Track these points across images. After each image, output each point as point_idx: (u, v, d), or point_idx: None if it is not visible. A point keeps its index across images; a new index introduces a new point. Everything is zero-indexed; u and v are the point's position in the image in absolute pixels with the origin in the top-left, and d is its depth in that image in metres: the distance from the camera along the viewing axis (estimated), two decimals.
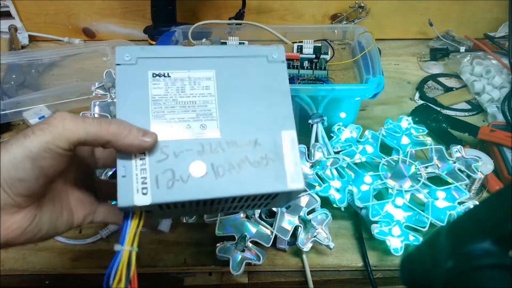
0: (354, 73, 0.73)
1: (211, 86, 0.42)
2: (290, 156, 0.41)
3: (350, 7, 1.01)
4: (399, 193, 0.60)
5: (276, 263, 0.59)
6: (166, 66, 0.42)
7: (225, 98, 0.42)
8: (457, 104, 0.86)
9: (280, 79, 0.44)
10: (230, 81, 0.43)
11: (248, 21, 0.87)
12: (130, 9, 1.02)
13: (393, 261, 0.59)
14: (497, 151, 0.69)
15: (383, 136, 0.67)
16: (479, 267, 0.28)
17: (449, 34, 1.03)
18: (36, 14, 1.02)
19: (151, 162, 0.38)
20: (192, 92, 0.42)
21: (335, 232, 0.62)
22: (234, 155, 0.40)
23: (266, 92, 0.43)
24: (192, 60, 0.43)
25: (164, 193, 0.37)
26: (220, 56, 0.43)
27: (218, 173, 0.39)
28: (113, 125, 0.37)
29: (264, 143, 0.41)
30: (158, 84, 0.41)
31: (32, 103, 0.79)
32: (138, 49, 0.42)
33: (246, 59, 0.44)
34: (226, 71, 0.43)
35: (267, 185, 0.40)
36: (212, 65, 0.43)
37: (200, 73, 0.42)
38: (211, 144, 0.40)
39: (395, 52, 1.03)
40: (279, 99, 0.43)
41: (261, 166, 0.40)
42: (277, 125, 0.42)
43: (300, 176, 0.40)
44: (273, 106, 0.42)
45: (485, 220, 0.31)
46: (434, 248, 0.32)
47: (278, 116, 0.42)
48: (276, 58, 0.44)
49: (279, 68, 0.44)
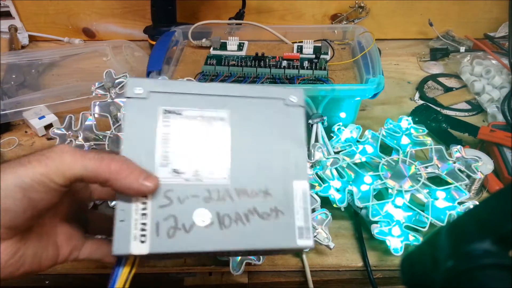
0: (354, 73, 0.73)
1: (224, 128, 0.39)
2: (301, 209, 0.39)
3: (350, 7, 1.01)
4: (399, 193, 0.60)
5: (276, 263, 0.59)
6: (179, 103, 0.39)
7: (238, 141, 0.39)
8: (457, 104, 0.86)
9: (296, 125, 0.41)
10: (244, 123, 0.40)
11: (248, 21, 0.87)
12: (130, 9, 1.02)
13: (393, 261, 0.58)
14: (497, 151, 0.69)
15: (383, 136, 0.67)
16: (479, 267, 0.28)
17: (449, 34, 1.03)
18: (36, 14, 1.02)
19: (153, 207, 0.35)
20: (204, 133, 0.39)
21: (335, 232, 0.62)
22: (242, 205, 0.37)
23: (280, 138, 0.40)
24: (206, 98, 0.40)
25: (163, 243, 0.35)
26: (235, 96, 0.41)
27: (224, 223, 0.36)
28: (115, 163, 0.34)
29: (274, 194, 0.38)
30: (168, 121, 0.38)
31: (32, 103, 0.79)
32: (151, 82, 0.39)
33: (262, 101, 0.41)
34: (240, 112, 0.40)
35: (275, 241, 0.37)
36: (226, 104, 0.40)
37: (213, 113, 0.39)
38: (219, 191, 0.37)
39: (395, 52, 1.03)
40: (294, 147, 0.40)
41: (270, 218, 0.38)
42: (289, 175, 0.39)
43: (310, 232, 0.38)
44: (286, 153, 0.40)
45: (485, 220, 0.31)
46: (434, 248, 0.32)
47: (291, 165, 0.40)
48: (295, 102, 0.42)
49: (296, 113, 0.42)
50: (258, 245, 0.37)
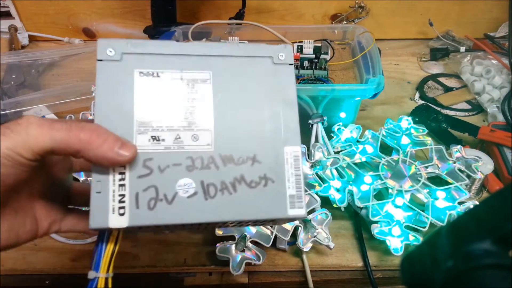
0: (354, 73, 0.73)
1: (206, 90, 0.37)
2: (293, 177, 0.36)
3: (350, 7, 1.01)
4: (399, 193, 0.60)
5: (276, 263, 0.59)
6: (156, 65, 0.36)
7: (222, 104, 0.37)
8: (457, 104, 0.86)
9: (286, 85, 0.38)
10: (229, 85, 0.37)
11: (248, 21, 0.87)
12: (130, 9, 1.02)
13: (393, 261, 0.58)
14: (497, 151, 0.69)
15: (383, 136, 0.67)
16: (479, 267, 0.28)
17: (449, 34, 1.03)
18: (36, 14, 1.02)
19: (132, 177, 0.33)
20: (185, 97, 0.36)
21: (335, 232, 0.62)
22: (228, 173, 0.35)
23: (269, 99, 0.37)
24: (186, 58, 0.37)
25: (144, 215, 0.33)
26: (219, 55, 0.38)
27: (209, 193, 0.34)
28: (85, 132, 0.32)
29: (263, 160, 0.36)
30: (145, 85, 0.35)
31: (32, 103, 0.79)
32: (124, 43, 0.36)
33: (248, 60, 0.38)
34: (224, 73, 0.37)
35: (264, 211, 0.35)
36: (209, 65, 0.37)
37: (194, 74, 0.37)
38: (203, 158, 0.35)
39: (395, 52, 1.03)
40: (284, 109, 0.37)
41: (259, 187, 0.35)
42: (280, 139, 0.37)
43: (302, 201, 0.36)
44: (276, 116, 0.37)
45: (485, 220, 0.31)
46: (434, 248, 0.32)
47: (282, 129, 0.37)
48: (283, 60, 0.39)
49: (285, 72, 0.38)
50: (246, 216, 0.35)
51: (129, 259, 0.58)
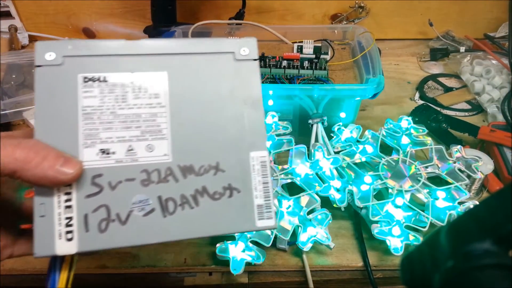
0: (354, 73, 0.73)
1: (161, 93, 0.33)
2: (260, 185, 0.33)
3: (350, 7, 1.01)
4: (399, 193, 0.60)
5: (276, 263, 0.59)
6: (102, 68, 0.33)
7: (180, 109, 0.33)
8: (457, 104, 0.86)
9: (250, 83, 0.35)
10: (187, 86, 0.34)
11: (248, 21, 0.87)
12: (130, 9, 1.02)
13: (393, 261, 0.58)
14: (497, 151, 0.69)
15: (383, 136, 0.67)
16: (479, 267, 0.28)
17: (449, 34, 1.03)
18: (36, 14, 1.02)
19: (79, 197, 0.30)
20: (136, 102, 0.32)
21: (335, 232, 0.62)
22: (189, 185, 0.32)
23: (232, 100, 0.34)
24: (137, 58, 0.34)
25: (95, 239, 0.30)
26: (174, 53, 0.34)
27: (168, 209, 0.31)
28: (20, 149, 0.28)
29: (227, 169, 0.33)
30: (91, 91, 0.32)
31: (32, 103, 0.79)
32: (65, 44, 0.32)
33: (208, 57, 0.35)
34: (181, 73, 0.34)
35: (231, 224, 0.32)
36: (164, 65, 0.34)
37: (147, 76, 0.33)
38: (160, 171, 0.32)
39: (395, 52, 1.03)
40: (249, 110, 0.34)
41: (223, 198, 0.32)
42: (245, 144, 0.34)
43: (272, 211, 0.33)
44: (240, 119, 0.34)
45: (485, 220, 0.30)
46: (434, 248, 0.32)
47: (247, 133, 0.34)
48: (247, 55, 0.35)
49: (249, 68, 0.35)
50: (211, 231, 0.32)
51: (129, 259, 0.58)
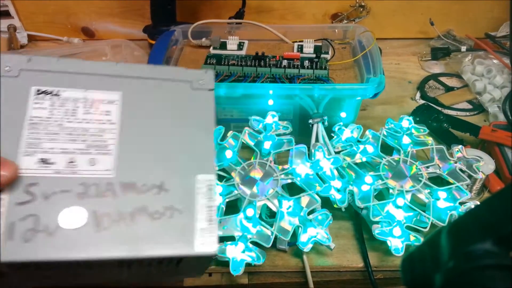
0: (355, 72, 0.73)
1: (113, 111, 0.34)
2: (205, 208, 0.33)
3: (351, 6, 1.00)
4: (400, 193, 0.60)
5: (277, 263, 0.58)
6: (58, 83, 0.34)
7: (131, 127, 0.34)
8: (458, 104, 0.86)
9: (204, 111, 0.36)
10: (141, 108, 0.35)
11: (248, 20, 0.87)
12: (129, 8, 1.02)
13: (394, 261, 0.58)
14: (498, 151, 0.69)
15: (383, 136, 0.66)
16: (479, 268, 0.28)
17: (450, 34, 1.02)
18: (35, 14, 1.02)
19: (10, 204, 0.29)
20: (86, 117, 0.33)
21: (336, 232, 0.61)
22: (128, 202, 0.32)
23: (184, 125, 0.35)
24: (95, 77, 0.35)
25: (17, 249, 0.28)
26: (132, 77, 0.35)
27: (101, 224, 0.30)
28: None
29: (172, 189, 0.33)
30: (41, 103, 0.33)
31: None
32: (24, 59, 0.34)
33: (166, 83, 0.36)
34: (137, 95, 0.35)
35: (167, 246, 0.31)
36: (121, 86, 0.35)
37: (100, 94, 0.34)
38: (99, 185, 0.31)
39: (396, 52, 1.03)
40: (200, 135, 0.35)
41: (163, 219, 0.32)
42: (192, 167, 0.34)
43: (214, 236, 0.32)
44: (190, 142, 0.35)
45: (486, 221, 0.30)
46: (435, 249, 0.32)
47: (196, 156, 0.34)
48: (203, 85, 0.37)
49: (205, 98, 0.37)
50: (145, 251, 0.30)
51: None
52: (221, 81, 0.70)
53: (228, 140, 0.63)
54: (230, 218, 0.57)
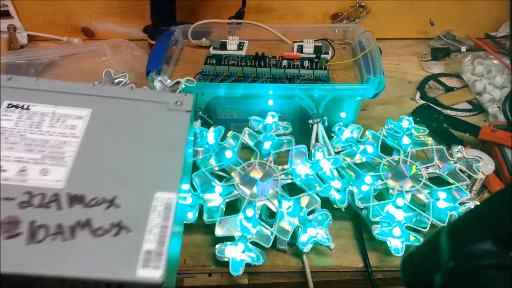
0: (355, 72, 0.73)
1: (78, 126, 0.34)
2: (158, 228, 0.30)
3: (351, 6, 1.00)
4: (399, 193, 0.60)
5: (276, 264, 0.58)
6: (30, 99, 0.35)
7: (93, 143, 0.33)
8: (458, 104, 0.86)
9: (177, 131, 0.36)
10: (108, 125, 0.35)
11: (248, 20, 0.87)
12: (129, 8, 1.02)
13: (394, 261, 0.58)
14: (498, 151, 0.69)
15: (383, 136, 0.66)
16: (479, 268, 0.28)
17: (450, 34, 1.02)
18: (35, 14, 1.02)
19: None
20: (50, 130, 0.33)
21: (336, 232, 0.61)
22: (71, 215, 0.30)
23: (151, 143, 0.35)
24: (69, 96, 0.35)
25: None
26: (107, 96, 0.36)
27: (35, 237, 0.28)
28: None
29: (124, 205, 0.31)
30: (9, 116, 0.33)
31: None
32: (5, 78, 0.36)
33: (140, 104, 0.37)
34: (107, 113, 0.35)
35: (104, 267, 0.28)
36: (92, 104, 0.35)
37: (70, 110, 0.35)
38: (45, 196, 0.30)
39: (396, 52, 1.03)
40: (166, 154, 0.35)
41: (106, 236, 0.29)
42: (151, 184, 0.32)
43: (162, 260, 0.29)
44: (154, 161, 0.34)
45: (486, 221, 0.30)
46: (435, 249, 0.32)
47: (158, 174, 0.33)
48: (181, 107, 0.38)
49: (179, 118, 0.37)
50: (78, 271, 0.27)
51: None
52: (221, 81, 0.70)
53: (228, 140, 0.63)
54: (230, 218, 0.57)
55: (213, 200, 0.59)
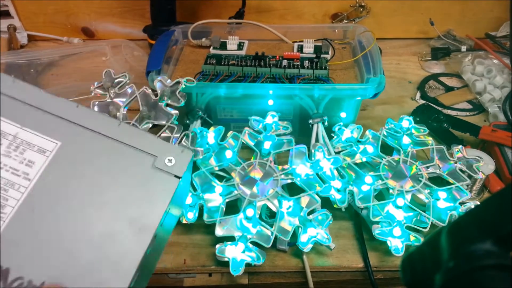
0: (355, 72, 0.73)
1: (36, 164, 0.26)
2: None
3: (351, 6, 1.00)
4: (400, 193, 0.60)
5: (276, 264, 0.58)
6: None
7: (45, 194, 0.26)
8: (458, 104, 0.86)
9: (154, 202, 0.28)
10: (73, 172, 0.27)
11: (248, 20, 0.87)
12: (129, 8, 1.02)
13: (394, 261, 0.58)
14: (498, 151, 0.69)
15: (384, 136, 0.66)
16: (480, 268, 0.28)
17: (450, 34, 1.02)
18: (35, 14, 1.02)
19: None
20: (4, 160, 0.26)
21: (336, 232, 0.61)
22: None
23: (117, 213, 0.27)
24: (40, 114, 0.28)
25: None
26: (87, 128, 0.28)
27: None
28: None
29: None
30: None
31: None
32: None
33: (124, 148, 0.29)
34: (78, 152, 0.27)
35: None
36: (65, 135, 0.28)
37: (36, 138, 0.27)
38: None
39: (396, 52, 1.03)
40: (131, 234, 0.27)
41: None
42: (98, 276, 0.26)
43: None
44: (112, 240, 0.27)
45: (486, 221, 0.30)
46: (435, 249, 0.32)
47: (110, 262, 0.26)
48: (170, 167, 0.29)
49: (163, 183, 0.28)
50: None
51: None
52: (221, 81, 0.70)
53: (228, 140, 0.63)
54: (230, 218, 0.57)
55: (213, 200, 0.59)
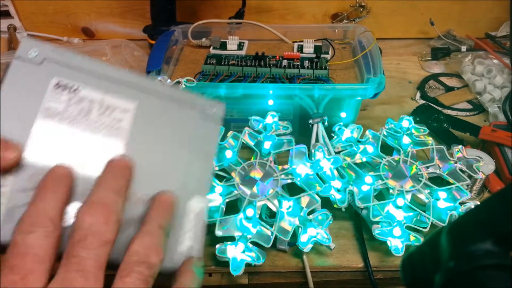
0: (355, 72, 0.73)
1: (125, 121, 0.33)
2: (191, 232, 0.36)
3: (351, 6, 1.00)
4: (400, 193, 0.60)
5: (276, 263, 0.58)
6: (79, 79, 0.33)
7: (136, 140, 0.33)
8: (458, 104, 0.86)
9: (208, 140, 0.37)
10: (149, 123, 0.34)
11: (248, 20, 0.87)
12: (129, 8, 1.02)
13: (394, 261, 0.58)
14: (499, 151, 0.69)
15: (384, 136, 0.66)
16: (480, 268, 0.28)
17: (450, 34, 1.02)
18: (35, 14, 1.02)
19: (13, 188, 0.29)
20: (98, 120, 0.32)
21: (336, 232, 0.61)
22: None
23: (187, 149, 0.36)
24: (115, 83, 0.34)
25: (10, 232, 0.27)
26: (148, 91, 0.35)
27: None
28: None
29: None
30: (57, 97, 0.32)
31: None
32: (49, 49, 0.33)
33: (179, 105, 0.36)
34: (149, 110, 0.35)
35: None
36: (137, 98, 0.34)
37: (117, 101, 0.33)
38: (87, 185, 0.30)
39: (396, 52, 1.03)
40: (201, 162, 0.36)
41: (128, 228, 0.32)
42: (186, 189, 0.35)
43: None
44: (191, 167, 0.36)
45: (486, 221, 0.30)
46: (435, 249, 0.32)
47: (193, 180, 0.36)
48: (211, 116, 0.38)
49: (210, 128, 0.38)
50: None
51: None
52: (221, 81, 0.70)
53: (228, 140, 0.63)
54: (230, 218, 0.57)
55: (213, 200, 0.59)
